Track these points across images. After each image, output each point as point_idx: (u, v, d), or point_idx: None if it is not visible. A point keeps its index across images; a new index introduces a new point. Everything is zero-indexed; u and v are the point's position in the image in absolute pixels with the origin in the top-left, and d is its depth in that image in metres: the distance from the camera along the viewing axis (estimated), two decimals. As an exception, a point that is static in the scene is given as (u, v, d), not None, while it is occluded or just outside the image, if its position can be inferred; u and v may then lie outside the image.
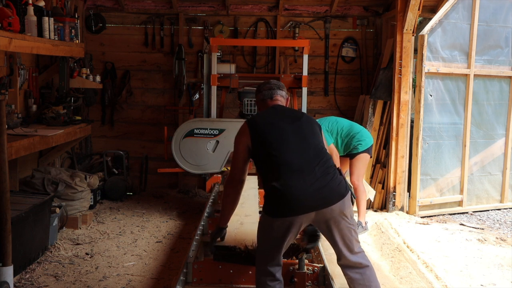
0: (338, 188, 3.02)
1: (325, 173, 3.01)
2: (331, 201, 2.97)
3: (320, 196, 2.95)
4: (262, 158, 3.10)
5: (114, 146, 7.64)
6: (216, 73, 6.29)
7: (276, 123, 3.16)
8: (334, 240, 3.08)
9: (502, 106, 6.85)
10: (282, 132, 3.11)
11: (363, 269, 3.10)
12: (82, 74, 6.53)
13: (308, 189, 2.94)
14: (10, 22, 4.41)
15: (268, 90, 3.39)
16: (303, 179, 2.96)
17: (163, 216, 6.32)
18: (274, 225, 3.00)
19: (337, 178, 3.05)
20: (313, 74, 7.71)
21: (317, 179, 2.97)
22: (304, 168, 2.99)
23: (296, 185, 2.94)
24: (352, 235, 3.10)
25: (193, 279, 3.52)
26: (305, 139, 3.12)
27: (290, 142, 3.07)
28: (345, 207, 3.02)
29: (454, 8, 6.31)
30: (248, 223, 3.95)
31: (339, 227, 3.03)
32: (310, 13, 7.71)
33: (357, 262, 3.10)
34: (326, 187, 2.97)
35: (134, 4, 7.63)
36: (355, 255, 3.10)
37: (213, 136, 6.08)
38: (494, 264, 4.79)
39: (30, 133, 4.98)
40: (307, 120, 3.25)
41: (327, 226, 3.05)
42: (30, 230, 4.45)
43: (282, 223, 2.98)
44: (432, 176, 6.50)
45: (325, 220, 3.01)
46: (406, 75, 6.47)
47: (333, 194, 2.99)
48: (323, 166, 3.04)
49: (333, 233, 3.05)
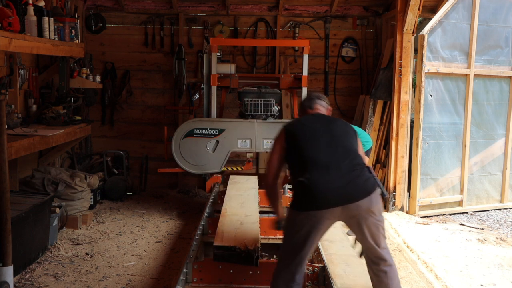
0: (365, 184, 3.05)
1: (352, 169, 3.06)
2: (357, 197, 3.00)
3: (345, 192, 2.99)
4: (293, 155, 3.21)
5: (114, 146, 7.64)
6: (216, 73, 6.29)
7: (309, 124, 3.31)
8: (363, 235, 3.12)
9: (502, 106, 6.85)
10: (313, 132, 3.23)
11: (387, 267, 3.16)
12: (82, 74, 6.53)
13: (333, 184, 2.99)
14: (10, 22, 4.41)
15: (308, 101, 3.53)
16: (328, 174, 3.01)
17: (163, 216, 6.32)
18: (297, 219, 3.04)
19: (365, 175, 3.08)
20: (313, 74, 7.71)
21: (343, 175, 3.02)
22: (331, 164, 3.06)
23: (322, 179, 3.00)
24: (379, 231, 3.14)
25: (193, 279, 3.53)
26: (335, 138, 3.21)
27: (320, 141, 3.17)
28: (372, 204, 3.04)
29: (454, 8, 6.31)
30: (248, 223, 3.95)
31: (366, 223, 3.07)
32: (310, 13, 7.71)
33: (382, 258, 3.15)
34: (352, 183, 3.01)
35: (134, 4, 7.63)
36: (382, 250, 3.16)
37: (213, 136, 6.08)
38: (494, 264, 4.79)
39: (30, 133, 4.98)
40: (342, 123, 3.37)
41: (355, 221, 3.08)
42: (30, 230, 4.45)
43: (306, 217, 3.00)
44: (432, 176, 6.50)
45: (352, 216, 3.04)
46: (406, 75, 6.47)
47: (359, 190, 3.02)
48: (350, 163, 3.09)
49: (362, 228, 3.09)
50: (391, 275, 3.16)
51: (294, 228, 3.05)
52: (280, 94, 6.35)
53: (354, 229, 3.14)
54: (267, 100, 6.06)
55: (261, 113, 6.04)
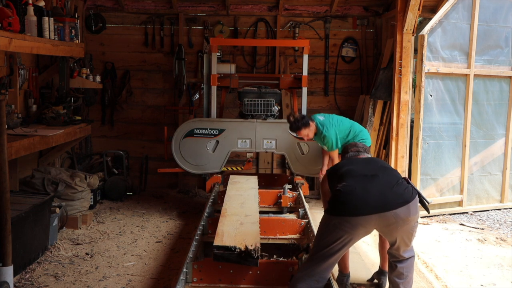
0: (404, 193, 3.08)
1: (389, 179, 3.13)
2: (395, 205, 3.03)
3: (382, 199, 3.02)
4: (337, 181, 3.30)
5: (114, 146, 7.65)
6: (216, 73, 6.29)
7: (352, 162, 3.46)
8: (394, 240, 3.21)
9: (502, 106, 6.85)
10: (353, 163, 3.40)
11: (408, 259, 3.31)
12: (82, 74, 6.54)
13: (370, 191, 3.03)
14: (10, 22, 4.41)
15: (355, 152, 3.64)
16: (366, 182, 3.08)
17: (163, 216, 6.32)
18: (331, 224, 3.06)
19: (403, 184, 3.13)
20: (313, 74, 7.71)
21: (380, 183, 3.08)
22: (369, 173, 3.16)
23: (358, 186, 3.05)
24: (412, 236, 3.25)
25: (193, 279, 3.53)
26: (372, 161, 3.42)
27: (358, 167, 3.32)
28: (410, 213, 3.08)
29: (454, 8, 6.31)
30: (248, 223, 3.95)
31: (400, 231, 3.13)
32: (310, 13, 7.71)
33: (405, 256, 3.28)
34: (389, 192, 3.06)
35: (134, 4, 7.63)
36: (407, 250, 3.28)
37: (213, 136, 6.08)
38: (494, 264, 4.79)
39: (30, 133, 4.98)
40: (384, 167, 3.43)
41: (389, 230, 3.13)
42: (30, 230, 4.45)
43: (340, 222, 3.02)
44: (432, 176, 6.50)
45: (388, 224, 3.07)
46: (406, 75, 6.47)
47: (397, 198, 3.05)
48: (389, 174, 3.19)
49: (394, 236, 3.17)
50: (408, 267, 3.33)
51: (327, 231, 3.08)
52: (280, 94, 6.35)
53: (386, 235, 3.21)
54: (267, 100, 6.06)
55: (261, 113, 6.04)
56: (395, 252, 3.29)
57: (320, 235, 3.15)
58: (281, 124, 6.07)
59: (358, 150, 3.63)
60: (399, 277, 3.29)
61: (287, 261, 3.56)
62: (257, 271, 3.54)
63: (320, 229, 3.19)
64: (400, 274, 3.30)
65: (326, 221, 3.12)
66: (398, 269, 3.29)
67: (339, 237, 3.02)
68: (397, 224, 3.05)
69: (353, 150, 3.65)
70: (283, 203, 5.53)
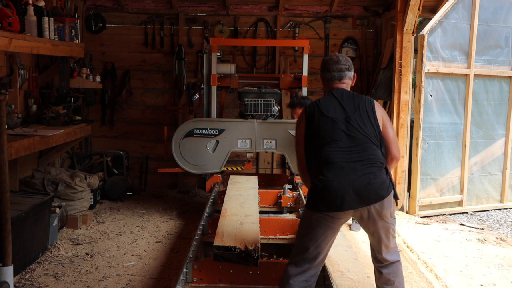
0: (380, 188, 3.00)
1: (368, 172, 3.00)
2: (370, 201, 2.98)
3: (359, 195, 2.96)
4: (311, 149, 3.14)
5: (114, 146, 7.64)
6: (216, 73, 6.29)
7: (331, 112, 3.12)
8: (372, 236, 3.14)
9: (502, 106, 6.85)
10: (333, 125, 3.08)
11: (392, 264, 3.17)
12: (82, 74, 6.53)
13: (348, 188, 2.95)
14: (10, 22, 4.42)
15: (338, 72, 3.23)
16: (344, 177, 2.97)
17: (163, 216, 6.32)
18: (312, 218, 3.04)
19: (381, 177, 3.02)
20: (313, 74, 7.71)
21: (358, 178, 2.97)
22: (347, 166, 2.99)
23: (337, 182, 2.96)
24: (389, 233, 3.13)
25: (193, 279, 3.53)
26: (356, 132, 3.07)
27: (338, 137, 3.06)
28: (384, 208, 3.02)
29: (454, 8, 6.31)
30: (248, 223, 3.95)
31: (376, 226, 3.07)
32: (310, 13, 7.71)
33: (386, 259, 3.16)
34: (366, 187, 2.97)
35: (134, 4, 7.63)
36: (389, 252, 3.16)
37: (213, 136, 6.08)
38: (494, 264, 4.79)
39: (30, 133, 4.98)
40: (364, 107, 3.14)
41: (365, 223, 3.09)
42: (30, 230, 4.45)
43: (321, 218, 3.01)
44: (432, 176, 6.50)
45: (362, 217, 3.05)
46: (406, 75, 6.47)
47: (373, 194, 2.99)
48: (366, 164, 3.01)
49: (371, 230, 3.11)
50: (395, 272, 3.18)
51: (309, 228, 3.05)
52: (280, 94, 6.35)
53: (364, 227, 3.15)
54: (267, 100, 6.06)
55: (261, 113, 6.04)
56: (378, 256, 3.18)
57: (301, 231, 3.12)
58: (281, 124, 6.07)
59: (340, 70, 3.22)
60: (387, 283, 3.18)
61: (287, 261, 3.56)
62: (257, 271, 3.54)
63: (300, 225, 3.15)
64: (387, 280, 3.17)
65: (308, 215, 3.08)
66: (384, 275, 3.17)
67: (319, 232, 3.01)
68: (371, 219, 3.01)
69: (335, 69, 3.22)
70: (283, 203, 5.54)
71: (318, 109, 3.15)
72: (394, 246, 3.19)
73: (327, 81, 3.28)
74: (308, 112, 3.18)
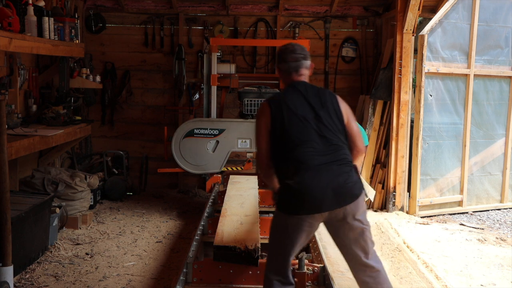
0: (353, 188, 2.97)
1: (342, 172, 2.95)
2: (346, 201, 2.93)
3: (336, 196, 2.90)
4: (280, 147, 3.03)
5: (114, 146, 7.64)
6: (216, 73, 6.29)
7: (298, 108, 3.03)
8: (348, 240, 3.02)
9: (502, 106, 6.85)
10: (302, 122, 3.00)
11: (375, 273, 3.05)
12: (82, 74, 6.53)
13: (324, 189, 2.89)
14: (10, 22, 4.42)
15: (294, 62, 3.14)
16: (319, 178, 2.90)
17: (163, 216, 6.32)
18: (288, 222, 2.97)
19: (353, 177, 2.99)
20: (313, 74, 7.67)
21: (333, 179, 2.92)
22: (321, 166, 2.93)
23: (313, 183, 2.89)
24: (366, 237, 3.03)
25: (193, 279, 3.52)
26: (326, 130, 3.01)
27: (309, 136, 2.99)
28: (358, 208, 2.97)
29: (454, 8, 6.31)
30: (248, 223, 3.95)
31: (352, 228, 2.98)
32: (310, 13, 7.71)
33: (369, 265, 3.04)
34: (342, 187, 2.92)
35: (134, 4, 7.62)
36: (369, 257, 3.05)
37: (213, 136, 6.08)
38: (494, 264, 4.79)
39: (30, 133, 4.98)
40: (330, 102, 3.09)
41: (340, 226, 2.99)
42: (30, 230, 4.45)
43: (297, 221, 2.94)
44: (432, 176, 6.50)
45: (337, 219, 2.96)
46: (406, 75, 6.48)
47: (348, 194, 2.94)
48: (340, 164, 2.97)
49: (347, 234, 3.00)
50: (380, 280, 3.05)
51: (285, 231, 2.99)
52: (280, 94, 6.35)
53: (339, 234, 3.03)
54: (267, 100, 6.05)
55: (261, 113, 6.03)
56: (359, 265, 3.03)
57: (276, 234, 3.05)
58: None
59: (296, 59, 3.13)
60: None
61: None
62: (257, 271, 3.53)
63: (274, 228, 3.07)
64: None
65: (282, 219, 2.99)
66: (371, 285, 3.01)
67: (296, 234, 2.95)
68: (346, 221, 2.94)
69: (291, 59, 3.14)
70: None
71: (286, 105, 3.04)
72: (374, 253, 3.08)
73: (284, 72, 3.19)
74: (274, 107, 3.05)
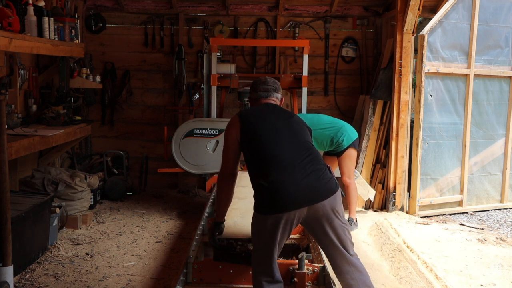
0: (329, 184, 3.01)
1: (315, 169, 3.01)
2: (322, 196, 2.95)
3: (311, 191, 2.93)
4: (251, 152, 3.10)
5: (114, 146, 7.64)
6: (216, 73, 6.29)
7: (267, 117, 3.18)
8: (330, 238, 3.02)
9: (502, 106, 6.85)
10: (272, 127, 3.12)
11: (358, 273, 3.05)
12: (82, 74, 6.54)
13: (299, 185, 2.92)
14: (10, 22, 4.42)
15: (264, 92, 3.38)
16: (293, 175, 2.94)
17: (163, 216, 6.32)
18: (267, 223, 2.97)
19: (327, 175, 3.04)
20: (313, 74, 7.71)
21: (307, 175, 2.96)
22: (295, 164, 2.98)
23: (287, 180, 2.93)
24: (346, 235, 3.05)
25: (193, 279, 3.52)
26: (295, 135, 3.13)
27: (280, 138, 3.07)
28: (336, 203, 3.00)
29: (454, 8, 6.31)
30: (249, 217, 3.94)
31: (333, 225, 3.00)
32: (310, 13, 7.71)
33: (353, 264, 3.05)
34: (316, 182, 2.96)
35: (134, 4, 7.63)
36: (351, 257, 3.06)
37: (213, 136, 6.08)
38: (494, 264, 4.79)
39: (30, 133, 4.98)
40: (297, 119, 3.28)
41: (320, 224, 3.00)
42: (30, 230, 4.45)
43: (276, 220, 2.95)
44: (432, 176, 6.50)
45: (317, 217, 2.97)
46: (406, 75, 6.48)
47: (324, 189, 2.97)
48: (313, 162, 3.03)
49: (328, 231, 3.00)
50: (363, 281, 3.05)
51: (265, 232, 2.99)
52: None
53: (320, 233, 3.03)
54: (267, 100, 6.05)
55: (261, 113, 6.03)
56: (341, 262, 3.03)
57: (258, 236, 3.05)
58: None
59: (267, 90, 3.35)
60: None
61: (287, 261, 3.56)
62: (257, 271, 3.53)
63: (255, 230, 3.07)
64: None
65: (261, 220, 2.99)
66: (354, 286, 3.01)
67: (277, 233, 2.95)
68: (326, 216, 2.95)
69: (261, 89, 3.35)
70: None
71: (253, 113, 3.23)
72: (355, 255, 3.09)
73: (254, 100, 3.39)
74: (244, 116, 3.19)
